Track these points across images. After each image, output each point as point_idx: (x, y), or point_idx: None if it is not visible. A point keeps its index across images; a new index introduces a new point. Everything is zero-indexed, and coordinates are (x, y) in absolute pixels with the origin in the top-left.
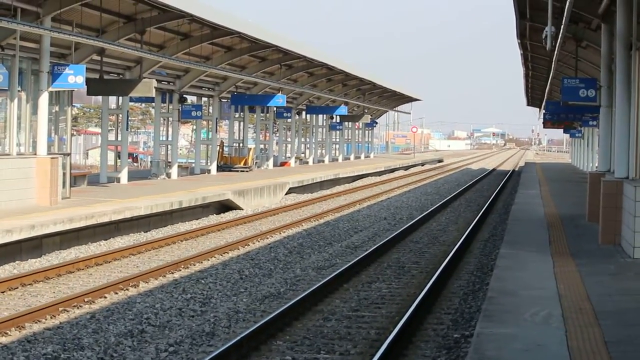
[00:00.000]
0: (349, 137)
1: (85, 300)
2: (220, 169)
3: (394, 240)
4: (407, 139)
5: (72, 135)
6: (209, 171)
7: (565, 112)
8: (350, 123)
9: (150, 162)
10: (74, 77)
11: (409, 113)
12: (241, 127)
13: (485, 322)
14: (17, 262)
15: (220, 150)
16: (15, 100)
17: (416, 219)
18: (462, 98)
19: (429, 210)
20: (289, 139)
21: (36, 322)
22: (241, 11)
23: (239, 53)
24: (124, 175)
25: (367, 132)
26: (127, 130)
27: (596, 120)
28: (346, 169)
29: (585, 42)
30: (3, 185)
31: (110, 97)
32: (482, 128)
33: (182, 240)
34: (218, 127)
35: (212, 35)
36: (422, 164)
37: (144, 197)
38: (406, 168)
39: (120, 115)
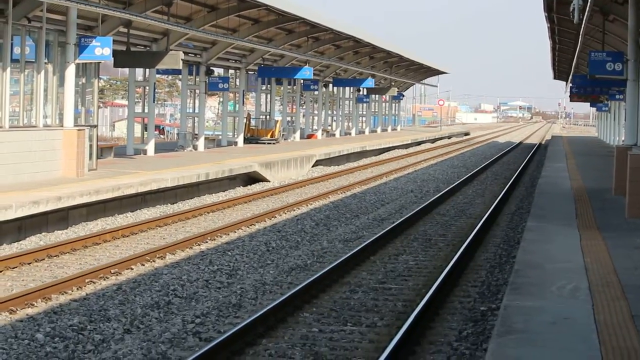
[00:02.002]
0: (376, 110)
1: (112, 271)
2: (247, 141)
3: (421, 213)
4: (433, 111)
5: (98, 107)
6: (235, 143)
7: (592, 85)
8: (377, 96)
9: (177, 134)
10: (101, 49)
11: (436, 86)
12: (268, 100)
13: (512, 294)
14: (43, 233)
15: (247, 122)
16: (42, 73)
17: (443, 192)
18: (489, 71)
19: (456, 183)
20: (315, 112)
21: (62, 294)
22: None
23: (266, 25)
24: (150, 147)
25: (393, 104)
26: (153, 102)
27: (623, 93)
28: (373, 142)
29: (612, 15)
30: (30, 157)
31: (137, 69)
32: (509, 101)
33: (208, 212)
34: (245, 100)
35: (239, 7)
36: (449, 137)
37: (171, 169)
38: (433, 141)
39: (147, 88)
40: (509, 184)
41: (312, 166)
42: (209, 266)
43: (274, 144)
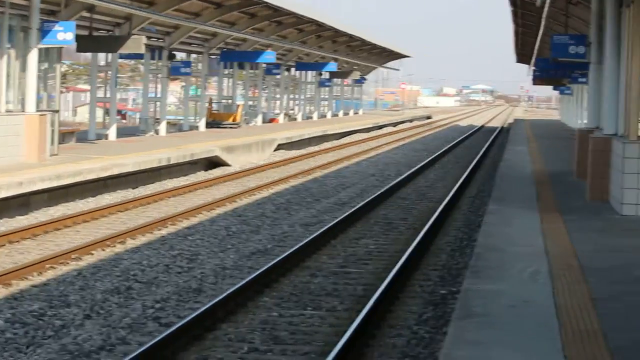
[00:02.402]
0: (338, 94)
1: (72, 257)
2: (209, 125)
3: (382, 197)
4: (395, 95)
5: (61, 92)
6: (197, 128)
7: (554, 68)
8: (339, 79)
9: (139, 118)
10: (64, 34)
11: (398, 70)
12: (230, 84)
13: (472, 278)
14: (4, 219)
15: (209, 106)
16: (5, 58)
17: (404, 176)
18: (452, 55)
19: (417, 167)
20: (277, 96)
21: (23, 279)
22: None
23: (229, 9)
24: (112, 132)
25: (355, 88)
26: (116, 87)
27: (585, 77)
28: (334, 126)
29: None
30: None
31: (99, 54)
32: (471, 85)
33: (169, 197)
34: (207, 84)
35: None
36: (411, 121)
37: (132, 153)
38: (395, 124)
39: (110, 72)
40: (471, 167)
41: (274, 150)
42: (169, 251)
43: (235, 128)
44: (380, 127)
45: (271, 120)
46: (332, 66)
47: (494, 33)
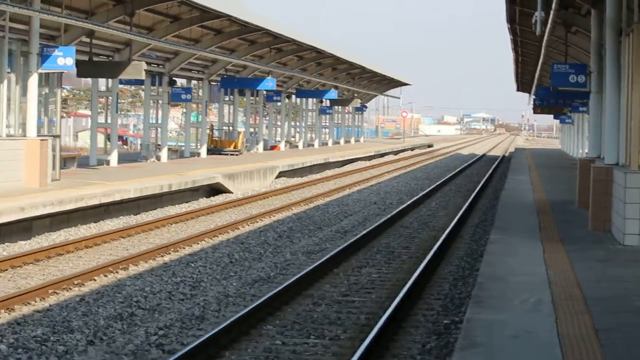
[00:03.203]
0: (339, 121)
1: (75, 282)
2: (210, 152)
3: (384, 225)
4: (396, 123)
5: (61, 117)
6: (198, 154)
7: (555, 97)
8: (340, 107)
9: (140, 144)
10: (64, 59)
11: (399, 97)
12: (231, 111)
13: (475, 308)
14: (6, 244)
15: (210, 133)
16: (5, 82)
17: (406, 204)
18: (452, 83)
19: (419, 195)
20: (278, 123)
21: (25, 305)
22: None
23: (229, 36)
24: (113, 158)
25: (356, 116)
26: (116, 112)
27: (586, 106)
28: (336, 153)
29: (575, 27)
30: None
31: (99, 80)
32: (472, 113)
33: (171, 224)
34: (208, 110)
35: (201, 17)
36: (412, 149)
37: (134, 179)
38: (396, 153)
39: (110, 98)
40: (472, 196)
41: (275, 178)
42: (172, 278)
43: (237, 155)
44: (382, 155)
45: (272, 148)
46: (333, 94)
47: (494, 62)
